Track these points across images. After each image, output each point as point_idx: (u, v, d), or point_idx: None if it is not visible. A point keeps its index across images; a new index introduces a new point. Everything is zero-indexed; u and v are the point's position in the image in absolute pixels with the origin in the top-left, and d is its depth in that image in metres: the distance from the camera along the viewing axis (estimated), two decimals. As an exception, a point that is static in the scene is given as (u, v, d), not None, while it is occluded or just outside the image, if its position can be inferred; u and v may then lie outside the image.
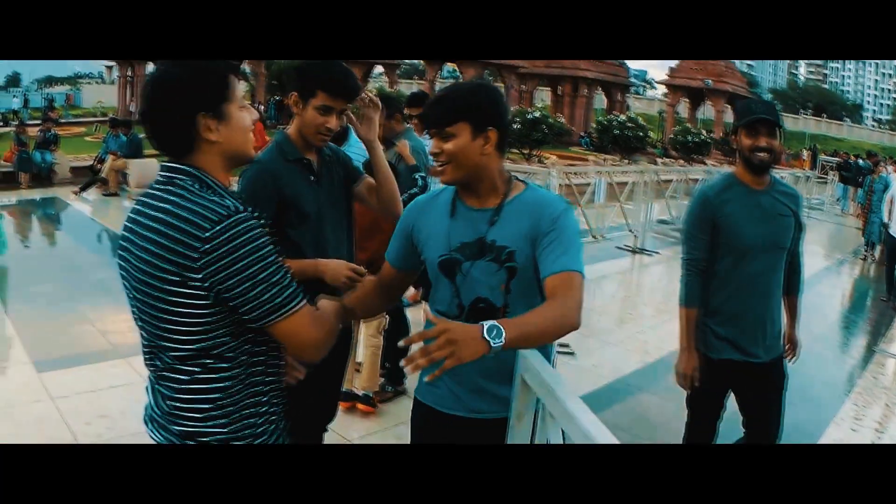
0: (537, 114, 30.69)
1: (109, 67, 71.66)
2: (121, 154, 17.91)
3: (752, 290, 3.91)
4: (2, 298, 8.74)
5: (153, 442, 2.19)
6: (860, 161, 28.98)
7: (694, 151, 37.83)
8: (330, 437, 4.23)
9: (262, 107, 37.43)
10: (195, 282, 1.95)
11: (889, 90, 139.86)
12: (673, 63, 49.14)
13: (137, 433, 2.32)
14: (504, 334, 2.03)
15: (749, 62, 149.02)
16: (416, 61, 52.09)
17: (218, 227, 1.93)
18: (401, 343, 2.17)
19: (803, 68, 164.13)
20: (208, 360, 2.06)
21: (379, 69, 49.49)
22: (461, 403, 2.70)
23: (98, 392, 5.86)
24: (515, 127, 29.13)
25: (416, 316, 6.57)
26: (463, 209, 2.66)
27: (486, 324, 2.02)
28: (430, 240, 2.69)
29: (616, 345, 8.06)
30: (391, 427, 5.50)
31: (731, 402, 4.13)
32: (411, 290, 7.67)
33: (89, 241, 13.32)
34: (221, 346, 2.06)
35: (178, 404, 2.11)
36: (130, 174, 17.24)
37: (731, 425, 4.18)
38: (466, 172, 2.57)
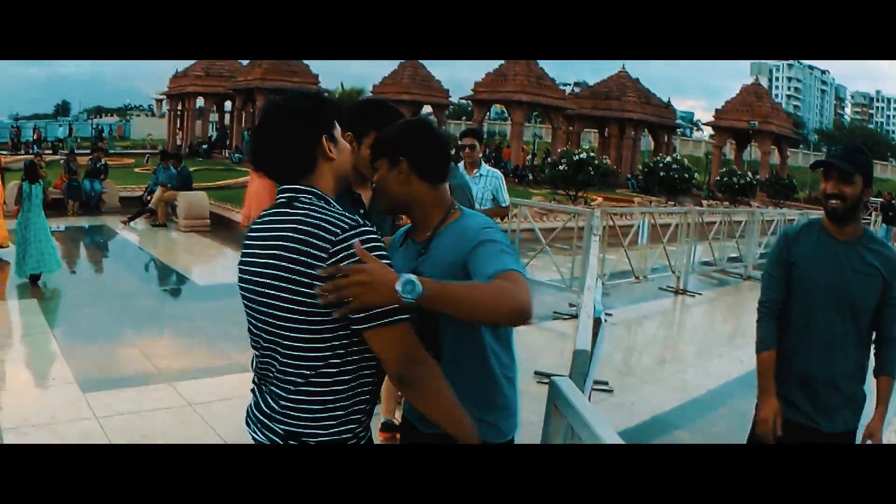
0: (583, 155, 30.70)
1: (159, 100, 72.85)
2: (170, 186, 18.25)
3: (815, 344, 3.67)
4: (49, 319, 8.93)
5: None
6: (903, 201, 28.57)
7: (739, 193, 37.48)
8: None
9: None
10: (314, 277, 2.12)
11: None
12: (719, 104, 48.89)
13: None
14: (420, 291, 2.04)
15: (796, 103, 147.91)
16: (464, 102, 52.24)
17: (344, 235, 2.14)
18: (320, 272, 2.13)
19: (849, 108, 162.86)
20: (320, 364, 2.21)
21: (427, 109, 49.92)
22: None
23: (141, 413, 5.98)
24: (561, 168, 29.18)
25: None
26: (409, 241, 2.80)
27: (404, 276, 2.04)
28: None
29: (655, 383, 8.02)
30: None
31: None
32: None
33: (137, 269, 13.58)
34: (336, 349, 2.21)
35: (290, 405, 2.25)
36: (179, 206, 17.54)
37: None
38: (391, 203, 2.72)
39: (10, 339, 8.27)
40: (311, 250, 2.13)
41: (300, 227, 2.18)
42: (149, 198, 18.53)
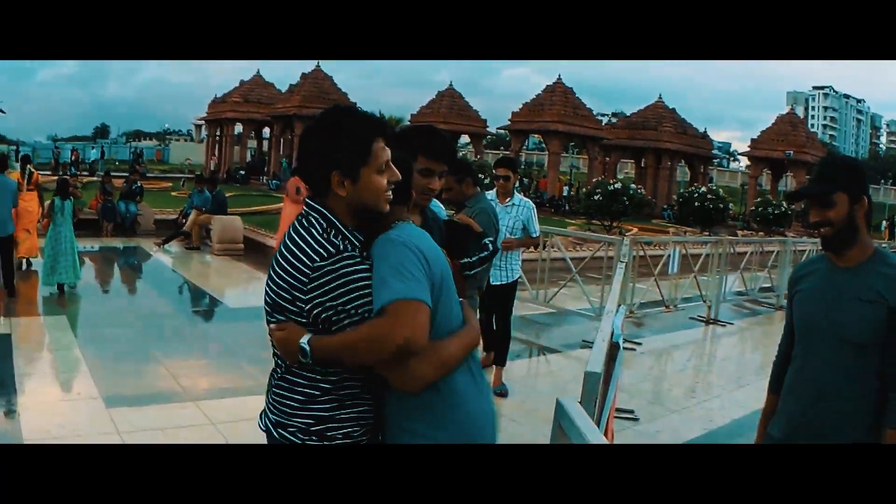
0: (618, 185, 30.62)
1: (199, 126, 73.72)
2: (205, 210, 18.46)
3: (806, 389, 3.29)
4: (77, 335, 9.05)
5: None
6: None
7: (774, 223, 37.14)
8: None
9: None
10: (301, 302, 2.39)
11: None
12: (755, 135, 48.57)
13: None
14: (309, 353, 2.38)
15: (832, 132, 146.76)
16: (502, 132, 52.33)
17: (321, 263, 2.36)
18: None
19: (885, 137, 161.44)
20: (306, 370, 2.47)
21: (465, 139, 50.04)
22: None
23: (165, 430, 6.03)
24: (596, 198, 29.13)
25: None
26: None
27: (301, 341, 2.38)
28: None
29: (681, 412, 7.95)
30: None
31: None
32: (482, 353, 7.76)
33: (168, 290, 13.71)
34: None
35: (277, 398, 2.56)
36: (213, 229, 17.70)
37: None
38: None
39: (39, 353, 8.43)
40: (294, 272, 2.39)
41: (296, 246, 2.43)
42: (183, 221, 18.76)
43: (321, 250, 2.37)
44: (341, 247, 2.40)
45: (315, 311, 2.38)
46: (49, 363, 8.08)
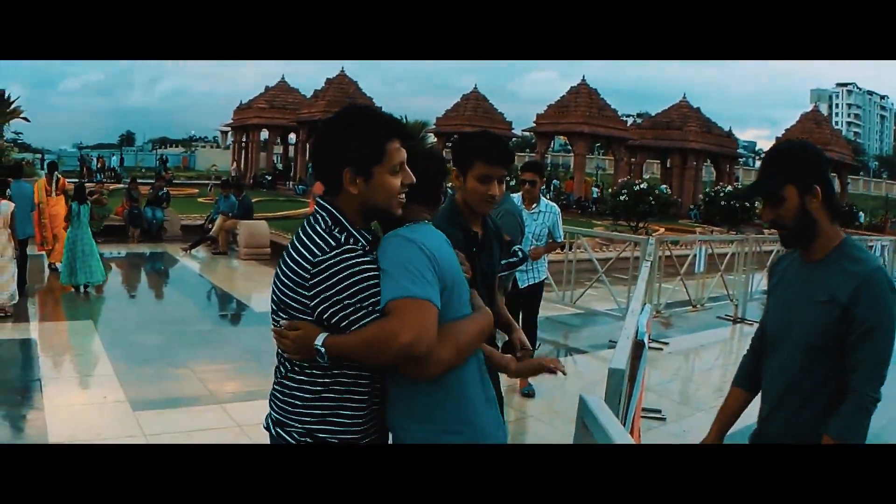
0: (644, 185, 30.48)
1: (224, 132, 74.19)
2: (231, 215, 18.54)
3: (770, 395, 3.11)
4: (104, 340, 9.11)
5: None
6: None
7: (798, 221, 36.98)
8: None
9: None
10: (305, 299, 2.36)
11: None
12: (780, 133, 48.27)
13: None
14: (324, 353, 2.34)
15: (856, 129, 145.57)
16: (527, 134, 52.31)
17: (322, 257, 2.32)
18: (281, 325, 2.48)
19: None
20: (306, 366, 2.44)
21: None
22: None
23: (190, 433, 6.05)
24: (622, 199, 29.02)
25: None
26: None
27: (317, 340, 2.33)
28: None
29: (709, 411, 7.83)
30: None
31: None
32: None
33: (196, 295, 13.77)
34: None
35: (278, 398, 2.53)
36: (240, 234, 17.80)
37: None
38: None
39: (66, 356, 8.54)
40: (297, 269, 2.36)
41: (300, 242, 2.41)
42: (210, 226, 18.85)
43: (323, 245, 2.34)
44: (342, 240, 2.37)
45: (321, 308, 2.34)
46: (75, 367, 8.16)
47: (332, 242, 2.34)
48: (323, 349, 2.32)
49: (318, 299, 2.33)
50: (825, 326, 2.81)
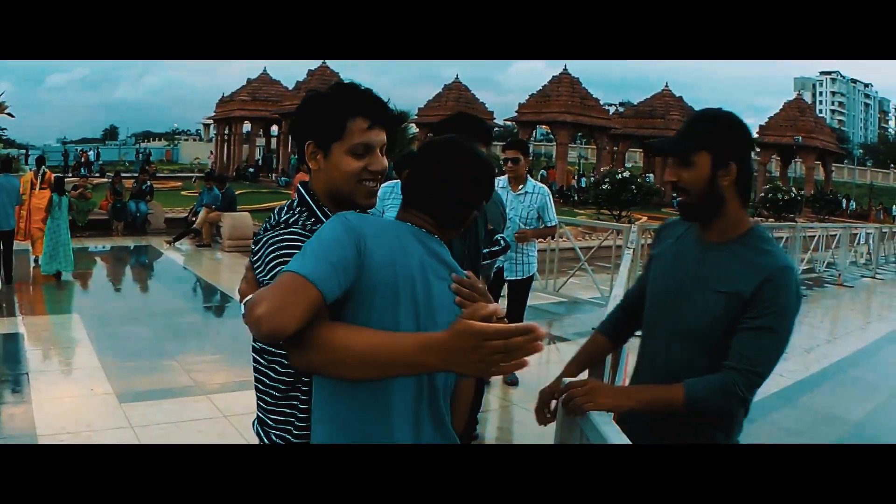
0: (626, 174, 30.59)
1: (207, 125, 73.81)
2: (215, 207, 18.55)
3: (646, 377, 2.83)
4: (90, 333, 9.11)
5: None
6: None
7: (784, 209, 37.12)
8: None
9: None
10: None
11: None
12: (763, 121, 48.46)
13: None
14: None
15: (840, 117, 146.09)
16: (509, 124, 52.29)
17: (265, 233, 2.21)
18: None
19: (893, 121, 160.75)
20: (270, 357, 2.28)
21: (471, 131, 50.02)
22: None
23: (178, 424, 6.10)
24: (605, 187, 29.11)
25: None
26: None
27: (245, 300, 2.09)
28: None
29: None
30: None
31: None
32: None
33: (181, 288, 13.78)
34: (267, 352, 2.30)
35: (257, 393, 2.35)
36: (223, 227, 17.82)
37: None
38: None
39: (53, 350, 8.52)
40: (252, 248, 2.29)
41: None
42: (194, 219, 18.84)
43: (269, 222, 2.26)
44: (291, 220, 2.22)
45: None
46: (63, 360, 8.18)
47: (279, 219, 2.24)
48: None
49: (258, 276, 2.19)
50: (715, 317, 2.55)
